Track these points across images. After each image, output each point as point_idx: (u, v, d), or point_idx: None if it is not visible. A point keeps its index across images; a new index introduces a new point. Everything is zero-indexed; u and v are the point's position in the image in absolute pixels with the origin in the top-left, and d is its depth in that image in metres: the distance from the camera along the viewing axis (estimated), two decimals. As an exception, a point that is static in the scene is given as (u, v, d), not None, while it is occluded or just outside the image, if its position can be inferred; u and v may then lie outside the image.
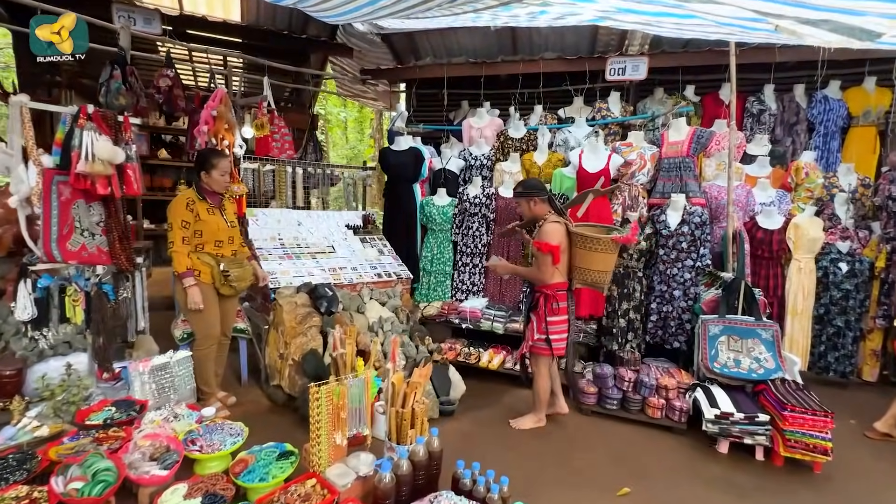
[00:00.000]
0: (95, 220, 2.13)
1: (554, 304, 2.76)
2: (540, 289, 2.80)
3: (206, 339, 2.71)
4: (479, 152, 4.61)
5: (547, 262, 2.68)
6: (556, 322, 2.78)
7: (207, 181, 2.64)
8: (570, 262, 2.83)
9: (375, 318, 3.55)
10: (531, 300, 2.91)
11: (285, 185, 3.97)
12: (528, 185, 2.87)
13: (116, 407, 2.09)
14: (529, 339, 2.87)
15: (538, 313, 2.80)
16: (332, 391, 1.84)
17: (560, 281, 2.80)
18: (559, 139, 4.44)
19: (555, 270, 2.75)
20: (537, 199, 2.82)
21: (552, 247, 2.66)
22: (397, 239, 4.49)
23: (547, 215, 2.83)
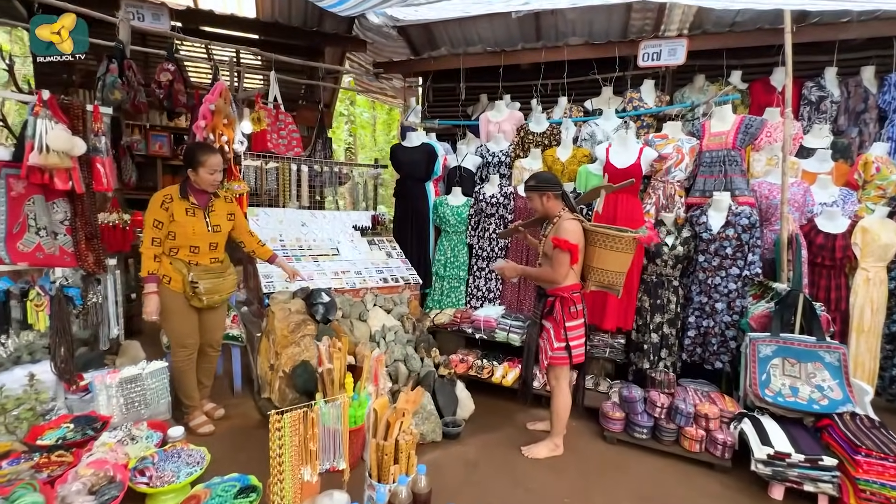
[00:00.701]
0: (59, 218, 1.96)
1: (571, 307, 2.47)
2: (554, 292, 2.51)
3: (181, 349, 2.50)
4: (497, 148, 4.27)
5: (564, 261, 2.39)
6: (574, 327, 2.50)
7: (195, 179, 2.42)
8: (584, 263, 2.56)
9: (378, 327, 3.28)
10: (543, 306, 2.57)
11: (289, 184, 3.77)
12: (542, 179, 2.54)
13: (75, 424, 1.90)
14: (548, 350, 2.53)
15: (554, 319, 2.50)
16: (299, 418, 1.57)
17: (575, 282, 2.52)
18: (585, 133, 4.04)
19: (569, 271, 2.45)
20: (551, 194, 2.51)
21: (572, 245, 2.37)
22: (408, 241, 4.22)
23: (561, 212, 2.53)
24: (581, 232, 2.48)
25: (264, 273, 3.14)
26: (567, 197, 2.59)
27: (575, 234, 2.42)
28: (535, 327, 2.67)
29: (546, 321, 2.58)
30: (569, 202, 2.58)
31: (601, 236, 2.51)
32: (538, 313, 2.64)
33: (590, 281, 2.61)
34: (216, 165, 2.44)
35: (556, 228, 2.49)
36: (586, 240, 2.54)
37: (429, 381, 2.90)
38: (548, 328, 2.57)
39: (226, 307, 2.76)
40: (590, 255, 2.56)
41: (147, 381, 2.15)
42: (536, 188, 2.54)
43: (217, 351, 2.75)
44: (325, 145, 4.50)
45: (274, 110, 3.96)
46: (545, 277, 2.50)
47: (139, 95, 3.26)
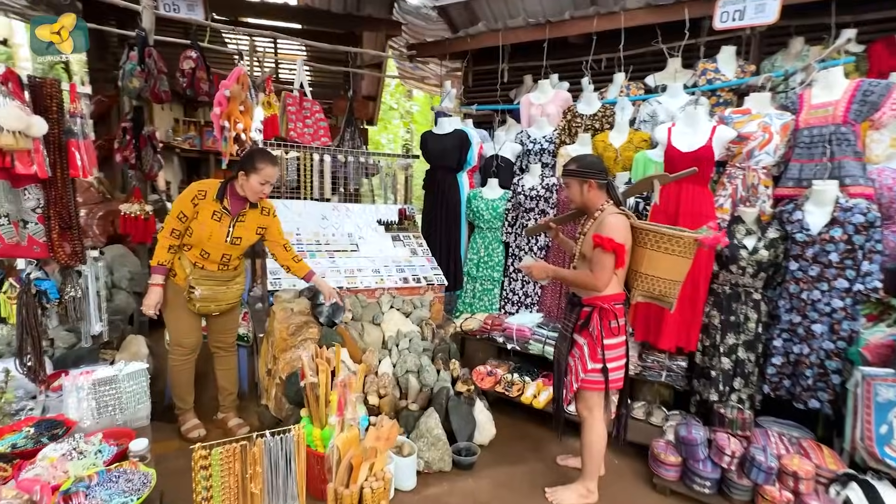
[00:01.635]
0: (30, 205, 1.83)
1: (612, 321, 2.02)
2: (591, 301, 2.05)
3: (178, 347, 2.35)
4: (540, 134, 3.76)
5: (608, 264, 1.94)
6: (614, 346, 2.05)
7: (242, 184, 2.22)
8: (630, 268, 2.10)
9: (393, 333, 2.95)
10: (576, 317, 2.09)
11: (310, 175, 3.55)
12: (586, 163, 2.07)
13: (36, 428, 1.75)
14: (579, 372, 2.07)
15: (590, 334, 2.03)
16: (234, 455, 1.26)
17: (618, 292, 2.05)
18: (644, 114, 3.42)
19: (612, 277, 1.98)
20: (594, 182, 2.04)
21: (617, 244, 1.90)
22: (437, 238, 3.85)
23: (604, 205, 2.05)
24: (628, 229, 2.00)
25: (272, 269, 2.93)
26: (613, 188, 2.09)
27: (621, 232, 1.94)
28: (564, 342, 2.20)
29: (579, 336, 2.11)
30: (614, 194, 2.09)
31: (653, 236, 2.00)
32: (569, 325, 2.16)
33: (636, 290, 2.10)
34: (271, 177, 2.20)
35: (597, 224, 2.02)
36: (634, 240, 2.04)
37: (440, 398, 2.52)
38: (580, 344, 2.09)
39: (237, 311, 2.56)
40: (638, 259, 2.06)
41: (123, 383, 1.97)
42: (577, 173, 2.06)
43: (229, 352, 2.56)
44: (354, 135, 4.26)
45: (300, 97, 3.76)
46: (583, 283, 2.03)
47: (160, 84, 3.18)
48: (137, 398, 2.05)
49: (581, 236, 2.12)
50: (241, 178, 2.21)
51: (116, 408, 1.99)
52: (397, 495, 2.13)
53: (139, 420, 2.05)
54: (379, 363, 2.70)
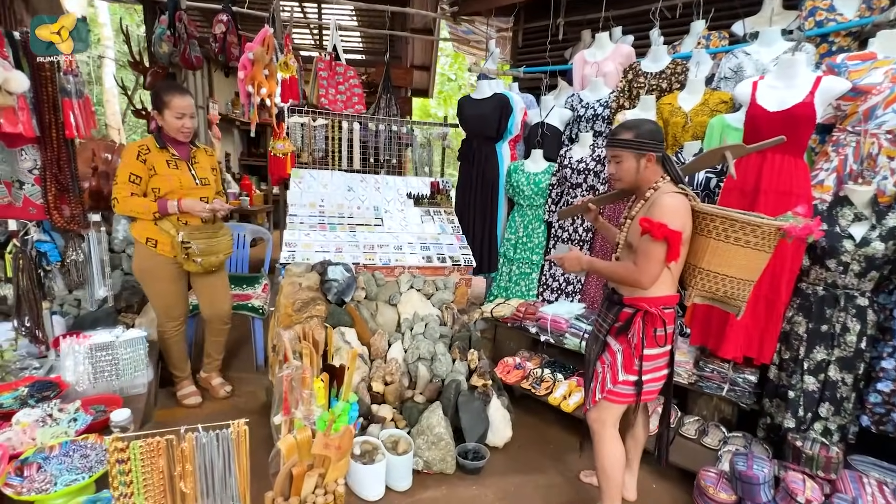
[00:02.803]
0: (27, 166, 1.81)
1: (658, 328, 1.61)
2: (635, 302, 1.65)
3: (168, 321, 2.31)
4: (594, 97, 3.25)
5: (657, 255, 1.53)
6: (654, 356, 1.66)
7: (163, 125, 2.13)
8: (687, 261, 1.67)
9: (409, 315, 2.72)
10: (614, 318, 1.70)
11: (339, 144, 3.37)
12: (644, 131, 1.63)
13: (30, 389, 1.76)
14: (607, 382, 1.70)
15: (628, 340, 1.66)
16: (158, 450, 1.10)
17: (669, 293, 1.65)
18: (727, 69, 2.78)
19: (662, 273, 1.57)
20: (652, 155, 1.62)
21: (670, 232, 1.49)
22: (472, 214, 3.52)
23: (659, 182, 1.62)
24: (688, 213, 1.57)
25: (287, 241, 2.81)
26: (669, 162, 1.65)
27: (678, 216, 1.52)
28: (596, 344, 1.82)
29: (614, 340, 1.72)
30: (671, 169, 1.65)
31: (720, 223, 1.55)
32: (604, 326, 1.77)
33: (694, 289, 1.67)
34: (184, 108, 2.10)
35: (648, 205, 1.60)
36: (694, 227, 1.61)
37: (450, 392, 2.26)
38: (614, 351, 1.71)
39: (225, 273, 2.49)
40: (698, 251, 1.62)
41: (120, 350, 1.95)
42: (634, 144, 1.62)
43: (226, 324, 2.51)
44: (390, 103, 4.01)
45: (330, 61, 3.56)
46: (623, 277, 1.63)
47: (191, 49, 3.13)
48: (135, 365, 2.02)
49: (628, 221, 1.69)
50: (158, 120, 2.11)
51: (113, 374, 1.97)
52: (388, 495, 1.93)
53: (136, 388, 2.03)
54: (389, 347, 2.50)
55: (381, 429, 2.10)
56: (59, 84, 1.80)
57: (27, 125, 1.66)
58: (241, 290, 3.08)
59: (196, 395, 2.45)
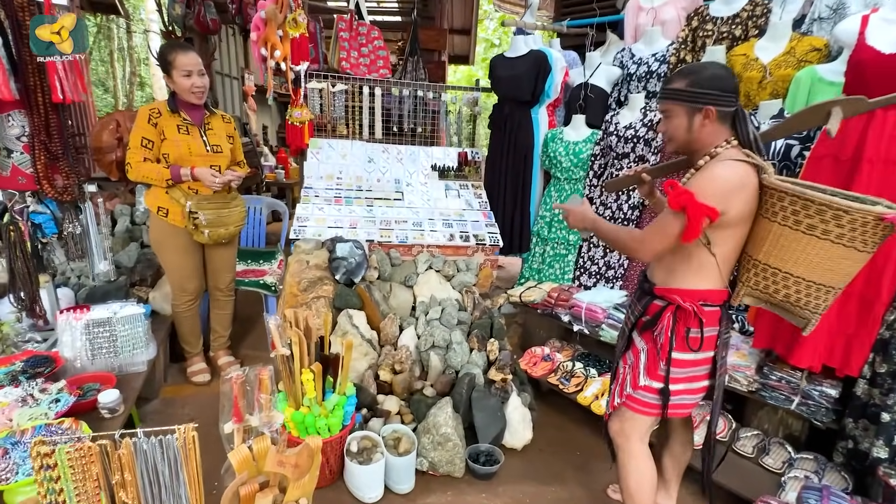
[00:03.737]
0: (14, 133, 1.72)
1: (691, 329, 1.30)
2: (667, 293, 1.34)
3: (181, 293, 2.23)
4: (648, 51, 2.77)
5: (667, 228, 1.23)
6: (687, 363, 1.33)
7: (174, 88, 2.01)
8: (743, 251, 1.31)
9: (426, 298, 2.50)
10: (642, 309, 1.41)
11: (360, 111, 3.14)
12: (703, 77, 1.24)
13: (25, 363, 1.72)
14: (627, 385, 1.42)
15: (653, 340, 1.36)
16: (90, 455, 0.95)
17: (711, 286, 1.30)
18: (823, 6, 2.24)
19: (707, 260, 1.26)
20: (713, 109, 1.23)
21: (693, 203, 1.15)
22: (502, 188, 3.20)
23: (720, 147, 1.25)
24: (746, 191, 1.19)
25: (299, 215, 2.65)
26: (743, 119, 1.25)
27: (723, 190, 1.16)
28: (622, 339, 1.53)
29: (639, 337, 1.42)
30: (744, 129, 1.25)
31: (791, 202, 1.16)
32: (630, 318, 1.48)
33: (743, 285, 1.33)
34: (189, 65, 1.96)
35: (698, 173, 1.25)
36: (762, 207, 1.23)
37: (462, 387, 2.03)
38: (638, 349, 1.42)
39: (235, 245, 2.37)
40: (757, 237, 1.26)
41: (118, 326, 1.88)
42: (682, 95, 1.25)
43: (227, 296, 2.42)
44: (417, 66, 3.70)
45: (350, 20, 3.28)
46: (624, 244, 1.33)
47: (206, 11, 2.97)
48: (133, 343, 1.95)
49: None
50: (169, 84, 2.02)
51: (111, 350, 1.90)
52: (387, 497, 1.76)
53: (136, 366, 1.97)
54: (400, 333, 2.30)
55: (383, 423, 1.92)
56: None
57: (4, 87, 1.55)
58: (258, 265, 2.98)
59: (205, 373, 2.39)
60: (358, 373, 2.14)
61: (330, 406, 1.66)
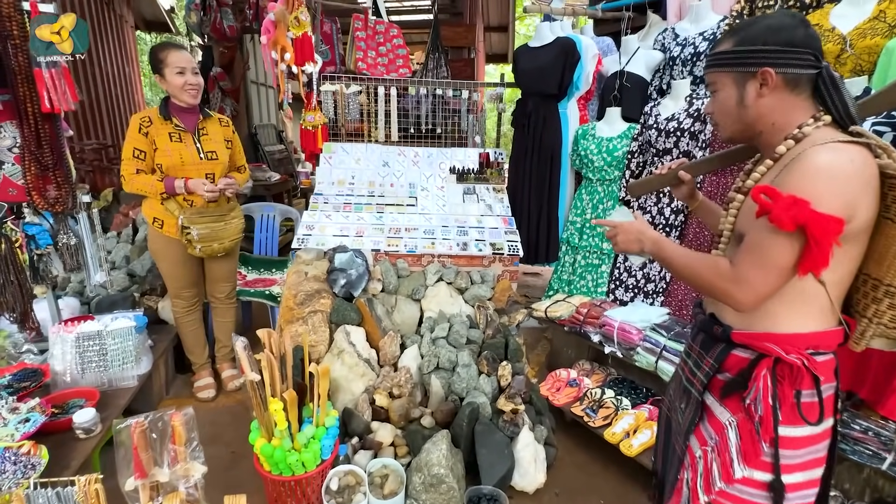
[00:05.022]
0: (6, 144, 1.71)
1: (802, 391, 0.88)
2: (754, 340, 0.91)
3: (177, 300, 2.19)
4: (695, 29, 2.39)
5: (776, 256, 0.82)
6: (803, 441, 0.90)
7: (167, 89, 1.94)
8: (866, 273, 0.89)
9: (434, 313, 2.28)
10: (717, 363, 0.97)
11: (375, 113, 2.98)
12: (748, 32, 0.89)
13: (13, 377, 1.70)
14: (715, 479, 0.95)
15: (745, 410, 0.92)
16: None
17: (821, 327, 0.88)
18: (922, -42, 1.77)
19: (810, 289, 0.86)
20: (772, 70, 0.86)
21: (815, 216, 0.76)
22: (527, 191, 2.92)
23: (808, 126, 0.86)
24: (868, 180, 0.81)
25: (305, 223, 2.52)
26: (832, 87, 0.86)
27: (843, 187, 0.79)
28: (685, 402, 1.06)
29: (719, 403, 0.98)
30: (839, 98, 0.85)
31: None
32: (697, 373, 1.02)
33: (870, 322, 0.90)
34: (182, 62, 1.90)
35: (782, 166, 0.87)
36: (888, 208, 0.84)
37: (462, 419, 1.78)
38: (722, 424, 0.96)
39: (234, 257, 2.29)
40: (889, 251, 0.85)
41: (107, 340, 1.83)
42: (726, 59, 0.92)
43: (228, 304, 2.34)
44: (439, 63, 3.49)
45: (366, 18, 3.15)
46: (708, 283, 0.91)
47: (222, 17, 2.95)
48: (123, 357, 1.89)
49: (738, 197, 0.97)
50: (161, 84, 1.94)
51: (100, 364, 1.86)
52: (370, 544, 1.55)
53: (126, 380, 1.91)
54: (401, 352, 2.09)
55: (373, 456, 1.72)
56: (29, 53, 1.65)
57: (-16, 97, 1.53)
58: (270, 273, 2.91)
59: (210, 388, 2.32)
60: (353, 396, 1.96)
61: (304, 439, 1.49)
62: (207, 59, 3.18)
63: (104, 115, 4.80)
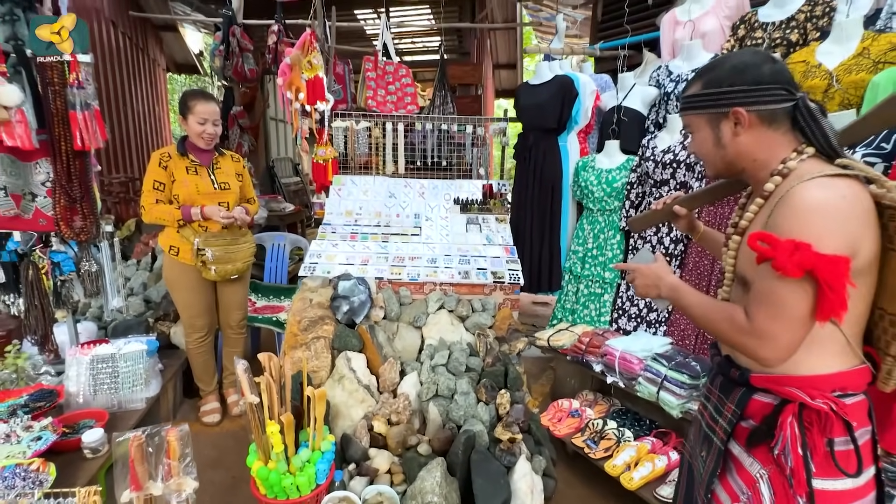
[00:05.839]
0: (40, 179, 1.87)
1: (834, 439, 0.82)
2: (775, 384, 0.87)
3: (191, 330, 2.26)
4: (688, 67, 2.48)
5: (792, 307, 0.79)
6: (842, 495, 0.83)
7: (186, 130, 2.10)
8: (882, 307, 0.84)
9: (434, 340, 2.31)
10: (739, 410, 0.92)
11: (383, 147, 3.13)
12: (715, 73, 0.91)
13: (29, 398, 1.78)
14: None
15: (776, 462, 0.87)
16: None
17: (844, 366, 0.84)
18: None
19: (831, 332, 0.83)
20: (739, 109, 0.88)
21: (822, 259, 0.74)
22: (529, 221, 2.98)
23: (791, 160, 0.86)
24: (863, 213, 0.79)
25: (311, 252, 2.62)
26: (810, 119, 0.85)
27: (840, 224, 0.77)
28: (706, 449, 1.01)
29: (747, 454, 0.93)
30: (816, 131, 0.85)
31: None
32: (719, 420, 0.97)
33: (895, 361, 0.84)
34: (206, 114, 2.07)
35: (772, 206, 0.85)
36: (885, 235, 0.82)
37: (458, 449, 1.79)
38: (752, 477, 0.90)
39: (246, 283, 2.39)
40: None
41: (119, 363, 1.91)
42: (696, 101, 0.94)
43: (239, 333, 2.41)
44: (446, 100, 3.66)
45: (376, 59, 3.35)
46: (728, 336, 0.88)
47: (244, 61, 3.18)
48: (133, 380, 1.97)
49: (735, 236, 0.95)
50: (182, 125, 2.11)
51: (112, 386, 1.93)
52: (362, 574, 1.54)
53: (135, 403, 1.98)
54: (401, 379, 2.12)
55: (368, 483, 1.73)
56: (67, 97, 1.82)
57: (25, 138, 1.70)
58: (279, 301, 3.00)
59: (216, 413, 2.38)
60: (352, 422, 1.98)
61: (299, 463, 1.52)
62: (229, 99, 3.41)
63: (133, 151, 5.11)
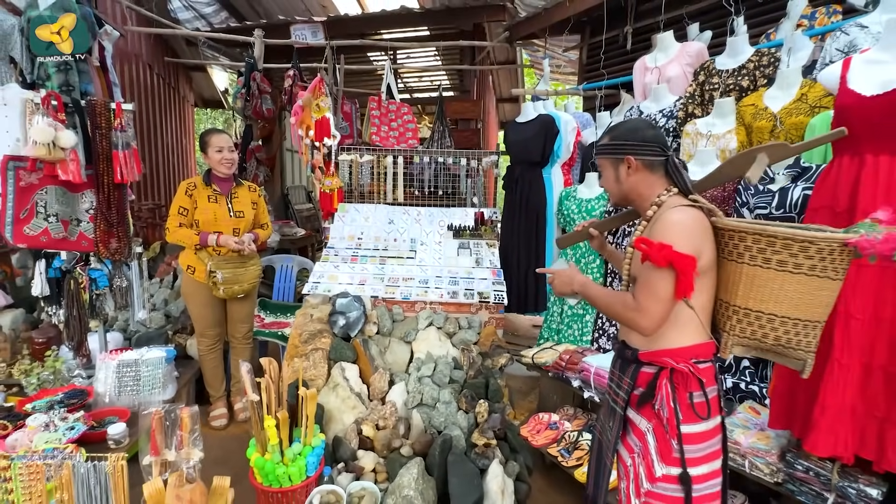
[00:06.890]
0: (85, 207, 2.19)
1: (693, 393, 1.18)
2: (654, 357, 1.22)
3: (202, 338, 2.54)
4: (656, 107, 2.74)
5: (661, 289, 1.14)
6: (700, 436, 1.19)
7: (208, 162, 2.43)
8: (718, 296, 1.24)
9: (423, 354, 2.53)
10: (632, 381, 1.26)
11: (385, 177, 3.43)
12: (621, 131, 1.29)
13: (63, 396, 2.05)
14: (642, 481, 1.22)
15: (657, 415, 1.21)
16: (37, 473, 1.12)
17: (698, 340, 1.21)
18: (833, 50, 2.09)
19: (684, 317, 1.19)
20: (634, 159, 1.25)
21: (678, 256, 1.10)
22: (516, 247, 3.21)
23: (663, 196, 1.24)
24: (706, 232, 1.18)
25: (315, 272, 2.89)
26: (676, 168, 1.23)
27: (690, 235, 1.14)
28: (611, 420, 1.32)
29: (638, 414, 1.25)
30: (679, 179, 1.23)
31: (754, 241, 1.12)
32: (619, 393, 1.30)
33: (729, 335, 1.20)
34: (221, 143, 2.41)
35: (651, 225, 1.22)
36: (721, 249, 1.21)
37: (435, 451, 1.98)
38: (641, 431, 1.23)
39: (253, 301, 2.65)
40: (728, 282, 1.20)
41: (142, 367, 2.17)
42: (604, 149, 1.32)
43: (245, 344, 2.66)
44: (443, 133, 3.98)
45: (379, 100, 3.70)
46: (619, 313, 1.22)
47: (263, 102, 3.56)
48: (152, 383, 2.22)
49: (630, 248, 1.29)
50: (205, 160, 2.42)
51: (135, 389, 2.19)
52: (345, 560, 1.72)
53: (153, 404, 2.21)
54: (389, 388, 2.33)
55: (354, 479, 1.92)
56: (111, 139, 2.16)
57: (76, 174, 2.02)
58: (286, 317, 3.26)
59: (223, 418, 2.60)
60: (344, 426, 2.19)
61: (292, 455, 1.73)
62: (248, 135, 3.79)
63: (161, 180, 5.56)
